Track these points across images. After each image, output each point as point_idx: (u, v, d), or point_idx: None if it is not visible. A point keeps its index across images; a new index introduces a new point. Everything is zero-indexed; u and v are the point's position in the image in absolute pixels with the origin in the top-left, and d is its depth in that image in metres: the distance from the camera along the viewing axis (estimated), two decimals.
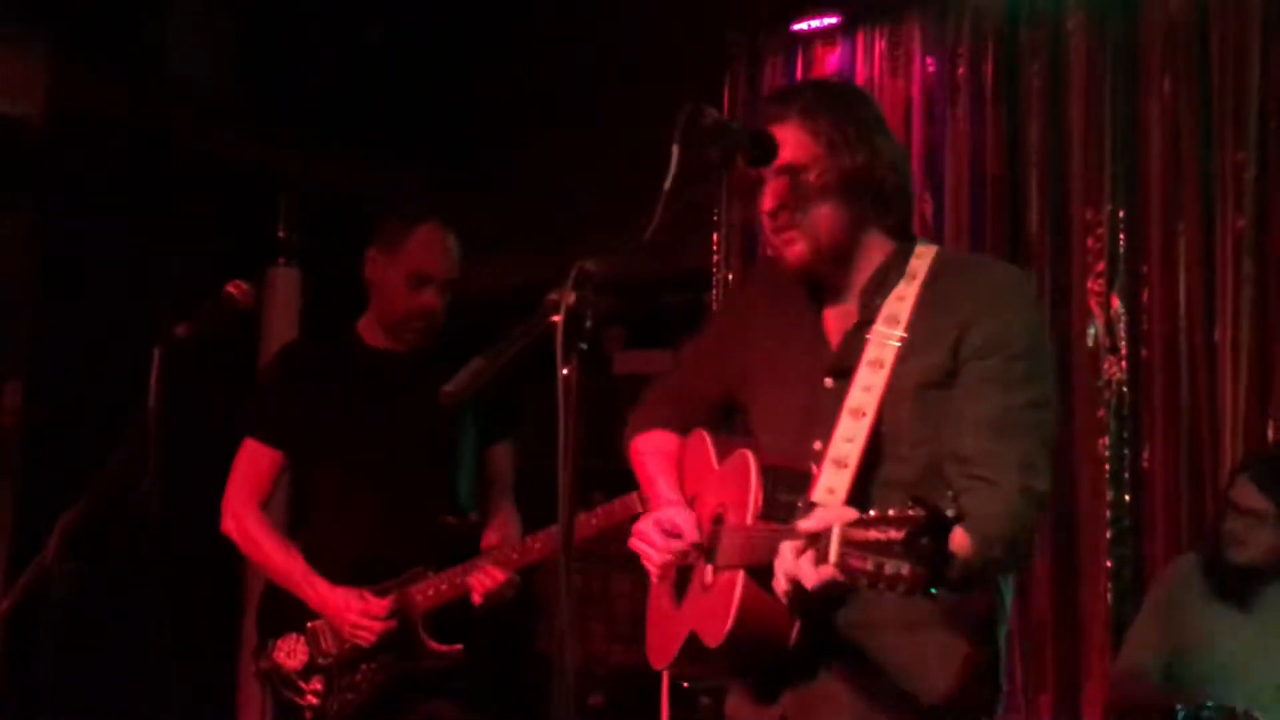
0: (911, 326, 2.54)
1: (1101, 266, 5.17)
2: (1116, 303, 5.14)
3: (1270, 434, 4.81)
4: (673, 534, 2.70)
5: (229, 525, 3.98)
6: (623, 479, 3.79)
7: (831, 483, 2.44)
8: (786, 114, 2.58)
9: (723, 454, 2.75)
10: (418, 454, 3.91)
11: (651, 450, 2.94)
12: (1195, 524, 4.85)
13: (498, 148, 6.76)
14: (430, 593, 3.81)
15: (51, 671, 4.15)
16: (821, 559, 2.11)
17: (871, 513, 2.06)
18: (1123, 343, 5.12)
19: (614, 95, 6.38)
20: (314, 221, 6.31)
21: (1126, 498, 5.08)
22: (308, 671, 3.85)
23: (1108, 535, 5.07)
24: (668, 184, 2.35)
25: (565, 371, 2.16)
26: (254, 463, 3.98)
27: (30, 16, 5.19)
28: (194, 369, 3.30)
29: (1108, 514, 5.08)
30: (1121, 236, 5.16)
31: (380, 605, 3.77)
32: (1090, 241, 5.22)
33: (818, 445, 2.53)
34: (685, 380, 3.00)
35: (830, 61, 5.83)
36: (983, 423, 2.45)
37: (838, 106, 2.60)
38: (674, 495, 2.80)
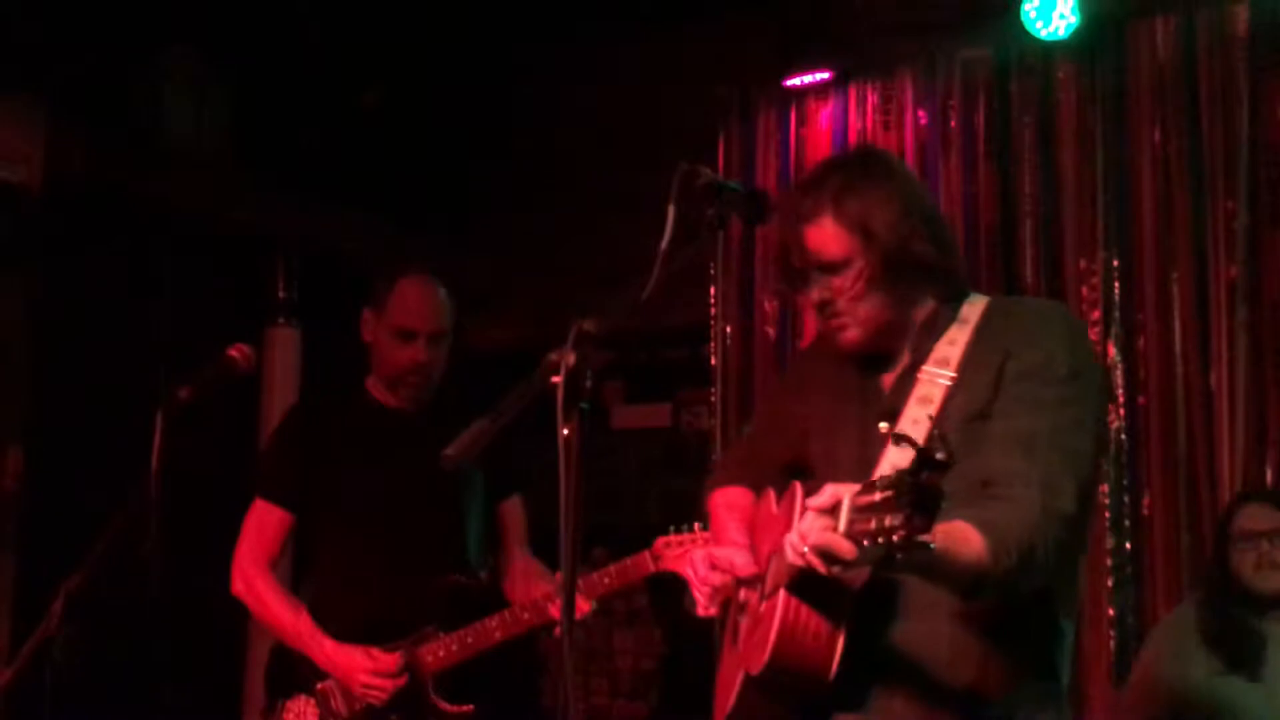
0: (962, 367, 2.57)
1: (1097, 315, 5.20)
2: (1112, 351, 5.16)
3: (1269, 479, 4.82)
4: (720, 568, 2.74)
5: (239, 587, 3.97)
6: (625, 535, 3.82)
7: None
8: (820, 211, 2.58)
9: (780, 500, 2.78)
10: (426, 513, 3.92)
11: (726, 504, 2.97)
12: (1196, 570, 4.85)
13: (494, 206, 6.79)
14: (441, 653, 3.80)
15: None
16: (834, 527, 2.10)
17: (874, 479, 2.06)
18: (1120, 390, 5.14)
19: (610, 153, 6.42)
20: (313, 281, 6.34)
21: (1127, 545, 5.09)
22: None
23: (1109, 583, 5.07)
24: (664, 244, 2.38)
25: (566, 431, 2.18)
26: (263, 523, 3.98)
27: (27, 83, 5.22)
28: (194, 430, 3.30)
29: (1109, 561, 5.09)
30: (1116, 285, 5.20)
31: (390, 661, 3.76)
32: (1085, 290, 5.25)
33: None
34: (753, 446, 3.05)
35: (823, 116, 5.88)
36: (1010, 441, 2.44)
37: (866, 191, 2.58)
38: (739, 538, 2.82)
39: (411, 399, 3.98)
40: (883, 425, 2.12)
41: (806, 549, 2.14)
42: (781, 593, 2.41)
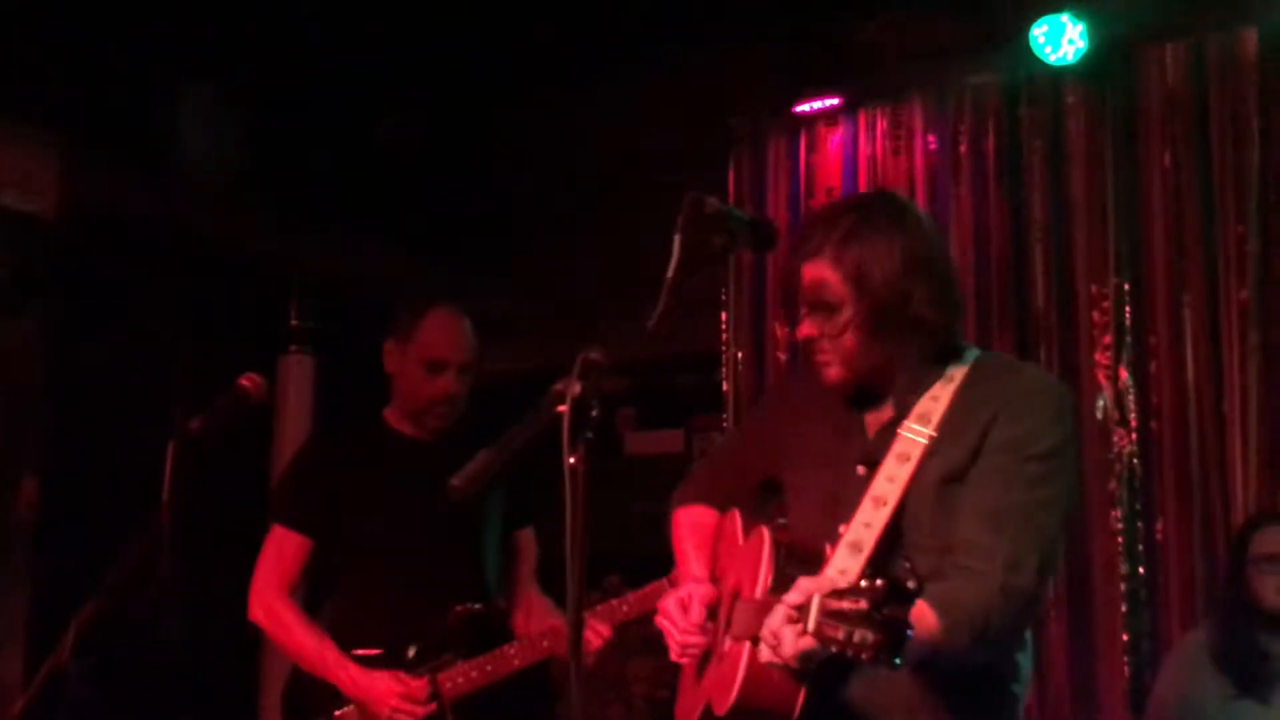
0: (942, 426, 2.58)
1: (1108, 340, 5.20)
2: (1125, 375, 5.16)
3: None
4: (689, 610, 2.78)
5: (257, 614, 3.95)
6: (638, 562, 3.82)
7: (844, 564, 2.49)
8: (820, 251, 2.60)
9: (748, 532, 2.82)
10: (444, 541, 3.92)
11: (689, 524, 3.02)
12: (1211, 595, 4.83)
13: (507, 234, 6.81)
14: (460, 680, 3.80)
15: None
16: (804, 630, 2.16)
17: (844, 584, 2.13)
18: (1132, 415, 5.14)
19: (621, 181, 6.44)
20: (326, 309, 6.36)
21: (1141, 570, 5.07)
22: None
23: (1123, 609, 5.06)
24: (671, 272, 2.39)
25: (572, 461, 2.20)
26: (282, 550, 3.97)
27: (42, 112, 5.25)
28: (208, 459, 3.31)
29: (1123, 587, 5.08)
30: (1127, 309, 5.20)
31: (420, 687, 3.75)
32: (1096, 315, 5.26)
33: (843, 529, 2.56)
34: (729, 457, 3.10)
35: (833, 142, 5.90)
36: (980, 513, 2.48)
37: (870, 239, 2.58)
38: (699, 572, 2.88)
39: (435, 430, 3.99)
40: (867, 581, 2.12)
41: (787, 654, 2.23)
42: (748, 646, 2.48)
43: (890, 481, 2.55)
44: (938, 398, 2.61)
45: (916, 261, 2.58)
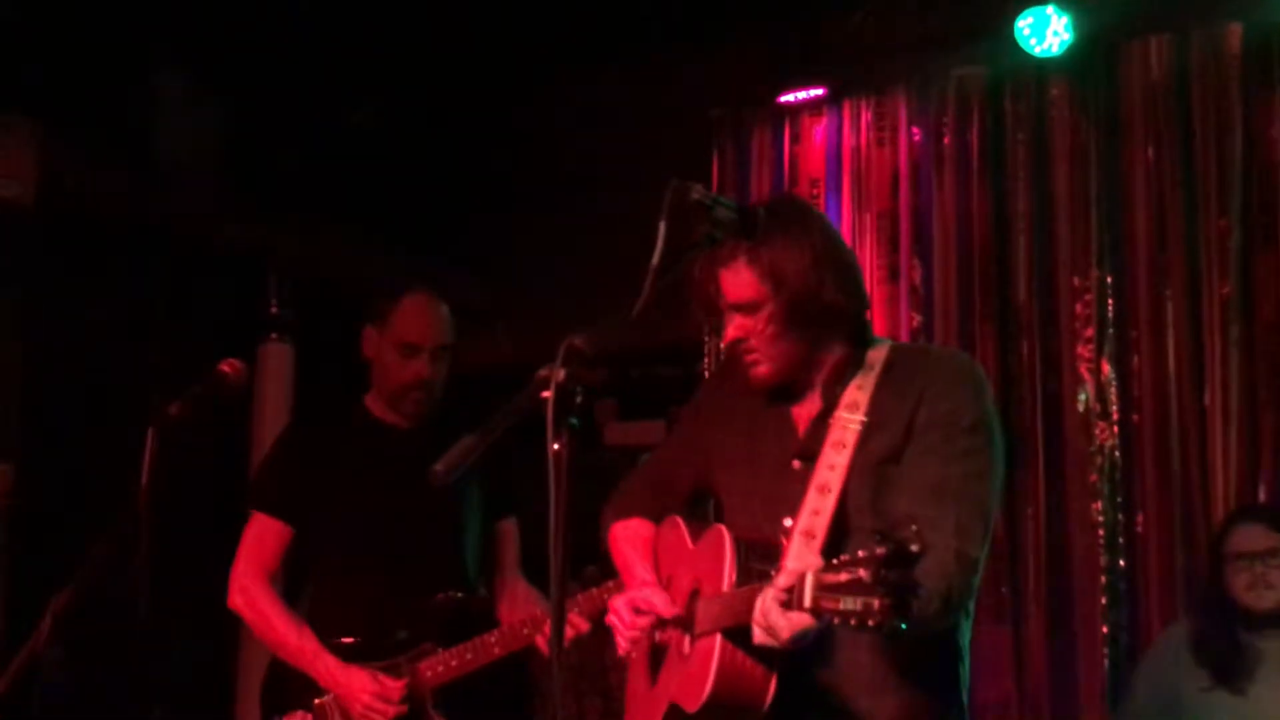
0: (871, 411, 2.73)
1: (1090, 332, 5.21)
2: (1107, 368, 5.16)
3: (1261, 496, 4.83)
4: (644, 611, 2.86)
5: (236, 600, 3.94)
6: None
7: (801, 553, 2.59)
8: (735, 255, 2.73)
9: (697, 535, 2.91)
10: (424, 529, 3.91)
11: (628, 537, 3.11)
12: (1190, 588, 4.85)
13: (488, 224, 6.79)
14: (440, 669, 3.79)
15: None
16: (797, 604, 2.28)
17: (842, 556, 2.24)
18: (1114, 407, 5.14)
19: (603, 171, 6.42)
20: (305, 297, 6.33)
21: (1121, 562, 5.08)
22: None
23: (1103, 601, 5.07)
24: (655, 261, 2.38)
25: (556, 447, 2.19)
26: (261, 536, 3.96)
27: (22, 102, 5.22)
28: (186, 446, 3.29)
29: (1102, 579, 5.08)
30: (1110, 302, 5.20)
31: (395, 688, 3.74)
32: (1079, 307, 5.26)
33: (787, 522, 2.68)
34: (660, 470, 3.17)
35: (817, 133, 5.88)
36: (921, 488, 2.63)
37: (782, 241, 2.71)
38: (648, 577, 2.97)
39: (412, 415, 3.98)
40: (865, 549, 2.21)
41: (784, 638, 2.37)
42: (718, 638, 2.59)
43: (831, 469, 2.69)
44: (862, 385, 2.77)
45: (824, 255, 2.74)
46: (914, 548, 2.12)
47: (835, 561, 2.22)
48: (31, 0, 5.24)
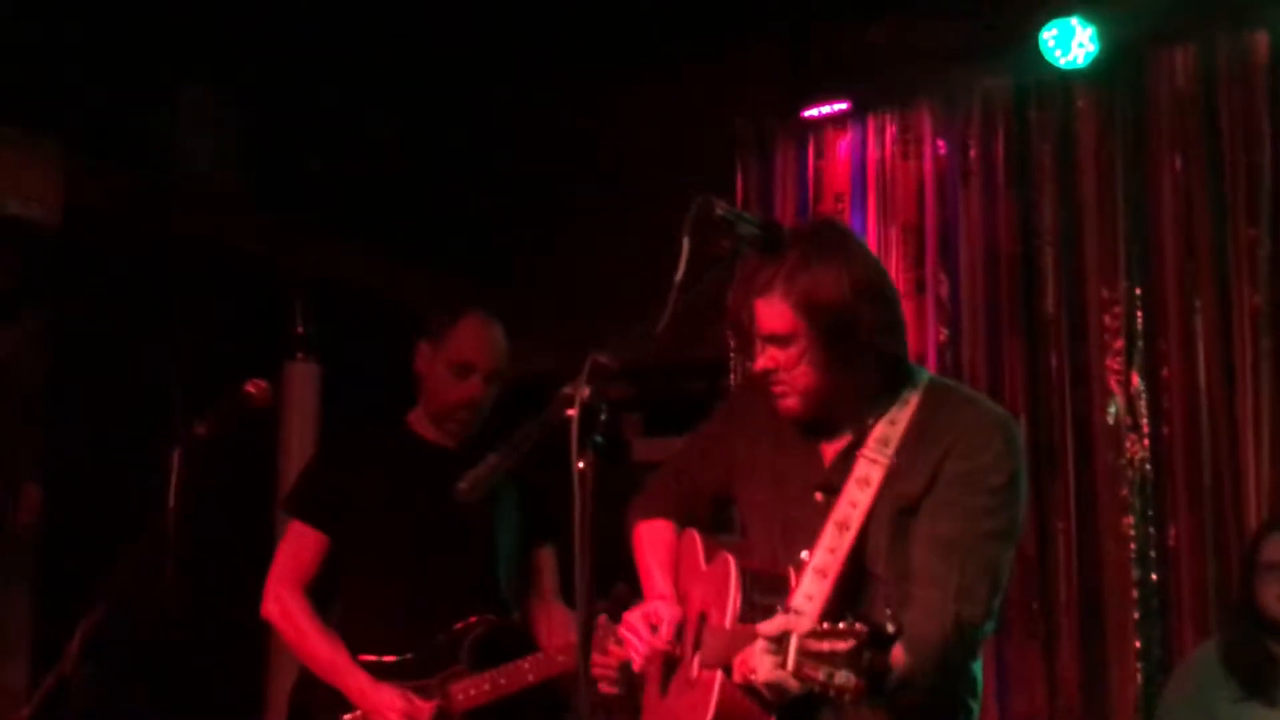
0: (899, 452, 2.68)
1: (1120, 344, 5.18)
2: (1136, 380, 5.13)
3: None
4: (657, 627, 2.85)
5: (271, 609, 3.91)
6: None
7: (811, 590, 2.59)
8: (771, 285, 2.67)
9: (710, 555, 2.90)
10: (460, 550, 3.91)
11: (651, 539, 3.08)
12: (1223, 601, 4.80)
13: (511, 239, 6.79)
14: (472, 692, 3.76)
15: None
16: (782, 665, 2.23)
17: (824, 625, 2.21)
18: (1144, 420, 5.11)
19: (627, 184, 6.42)
20: (331, 316, 6.34)
21: (1153, 576, 5.05)
22: None
23: (1135, 615, 5.03)
24: (678, 276, 2.38)
25: (580, 465, 2.19)
26: (299, 545, 3.95)
27: (46, 121, 5.24)
28: (212, 466, 3.29)
29: (1134, 594, 5.05)
30: (1139, 314, 5.17)
31: (426, 710, 3.71)
32: (1108, 319, 5.23)
33: (804, 555, 2.67)
34: (685, 471, 3.13)
35: (841, 147, 5.87)
36: (935, 541, 2.60)
37: (817, 270, 2.64)
38: (666, 589, 2.95)
39: (456, 435, 3.97)
40: (845, 623, 2.21)
41: (760, 685, 2.32)
42: (720, 675, 2.58)
43: (853, 507, 2.66)
44: (895, 421, 2.72)
45: (862, 287, 2.66)
46: (890, 629, 2.16)
47: (821, 629, 2.19)
48: (55, 21, 5.27)
